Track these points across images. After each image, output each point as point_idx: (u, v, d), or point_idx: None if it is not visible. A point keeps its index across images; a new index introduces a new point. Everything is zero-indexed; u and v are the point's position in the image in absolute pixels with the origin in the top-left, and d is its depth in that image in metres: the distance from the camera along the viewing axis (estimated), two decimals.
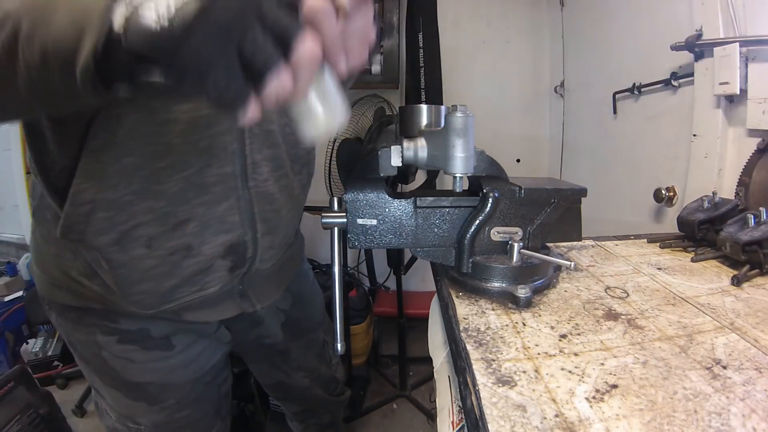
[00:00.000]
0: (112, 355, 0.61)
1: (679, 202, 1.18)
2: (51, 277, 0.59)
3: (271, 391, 0.98)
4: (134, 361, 0.62)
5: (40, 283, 0.61)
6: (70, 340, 0.63)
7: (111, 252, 0.52)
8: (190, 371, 0.67)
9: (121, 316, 0.60)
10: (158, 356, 0.63)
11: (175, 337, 0.64)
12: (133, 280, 0.55)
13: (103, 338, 0.60)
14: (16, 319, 2.05)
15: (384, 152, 0.55)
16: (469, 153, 0.46)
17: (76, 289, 0.57)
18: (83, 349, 0.63)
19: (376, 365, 1.95)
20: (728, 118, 1.01)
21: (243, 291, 0.67)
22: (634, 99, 1.39)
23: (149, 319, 0.61)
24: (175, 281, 0.57)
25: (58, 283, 0.58)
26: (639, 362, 0.42)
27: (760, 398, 0.36)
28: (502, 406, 0.36)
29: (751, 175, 0.90)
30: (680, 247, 0.75)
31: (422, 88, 1.73)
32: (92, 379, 0.65)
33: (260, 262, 0.65)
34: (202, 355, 0.69)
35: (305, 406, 1.00)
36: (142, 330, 0.61)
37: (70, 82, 0.29)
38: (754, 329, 0.47)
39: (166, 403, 0.66)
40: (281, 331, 0.84)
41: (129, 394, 0.64)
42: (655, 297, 0.56)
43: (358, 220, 0.57)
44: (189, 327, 0.66)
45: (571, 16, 1.90)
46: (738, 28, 0.96)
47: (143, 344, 0.62)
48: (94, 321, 0.60)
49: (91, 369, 0.64)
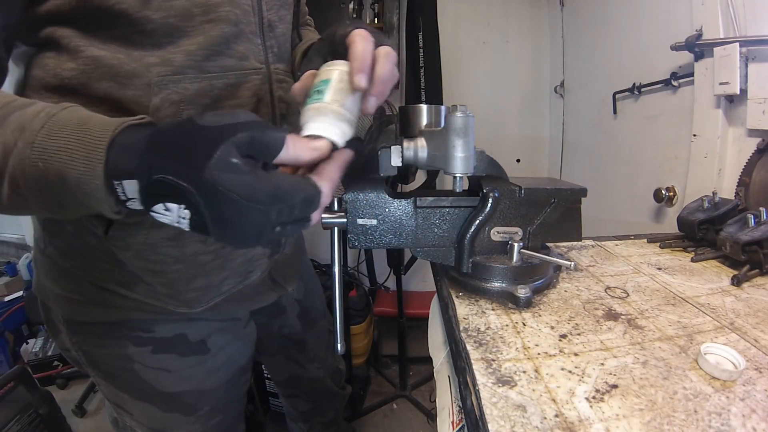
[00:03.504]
0: (146, 366, 0.58)
1: (679, 202, 1.18)
2: (73, 293, 0.54)
3: (284, 388, 0.98)
4: (170, 371, 0.60)
5: (55, 301, 0.56)
6: (90, 359, 0.59)
7: (167, 247, 0.52)
8: (223, 373, 0.66)
9: (156, 323, 0.58)
10: (195, 362, 0.62)
11: (210, 339, 0.63)
12: (188, 278, 0.55)
13: (135, 350, 0.57)
14: (16, 319, 2.05)
15: (384, 152, 0.55)
16: (469, 153, 0.46)
17: (111, 302, 0.54)
18: (109, 365, 0.59)
19: (376, 365, 1.95)
20: (728, 118, 1.01)
21: (272, 276, 0.69)
22: (634, 99, 1.39)
23: (186, 322, 0.60)
24: (225, 274, 0.58)
25: (83, 298, 0.54)
26: (639, 362, 0.42)
27: (760, 398, 0.36)
28: (502, 406, 0.36)
29: (751, 175, 0.90)
30: (680, 247, 0.75)
31: (422, 88, 1.73)
32: (117, 396, 0.61)
33: (286, 246, 0.68)
34: (235, 354, 0.68)
35: (314, 402, 1.00)
36: (178, 336, 0.59)
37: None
38: (754, 329, 0.47)
39: (202, 411, 0.64)
40: (298, 321, 0.86)
41: (163, 407, 0.61)
42: (655, 297, 0.56)
43: (358, 220, 0.57)
44: (224, 326, 0.66)
45: (571, 16, 1.90)
46: (738, 28, 0.96)
47: (179, 351, 0.60)
48: (126, 333, 0.57)
49: (117, 385, 0.60)
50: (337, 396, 1.02)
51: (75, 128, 0.33)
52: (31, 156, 0.33)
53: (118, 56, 0.46)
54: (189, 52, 0.48)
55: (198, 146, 0.31)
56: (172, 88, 0.48)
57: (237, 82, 0.52)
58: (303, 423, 1.03)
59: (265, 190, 0.32)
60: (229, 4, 0.49)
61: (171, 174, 0.31)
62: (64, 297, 0.55)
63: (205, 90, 0.50)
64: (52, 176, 0.33)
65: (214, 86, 0.51)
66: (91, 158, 0.32)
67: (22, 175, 0.33)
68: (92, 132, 0.33)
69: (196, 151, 0.31)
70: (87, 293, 0.54)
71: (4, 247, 2.90)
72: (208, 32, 0.48)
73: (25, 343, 2.03)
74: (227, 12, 0.49)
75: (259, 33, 0.54)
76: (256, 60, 0.54)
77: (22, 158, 0.33)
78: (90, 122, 0.34)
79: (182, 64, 0.48)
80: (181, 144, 0.32)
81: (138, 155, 0.32)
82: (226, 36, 0.50)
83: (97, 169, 0.32)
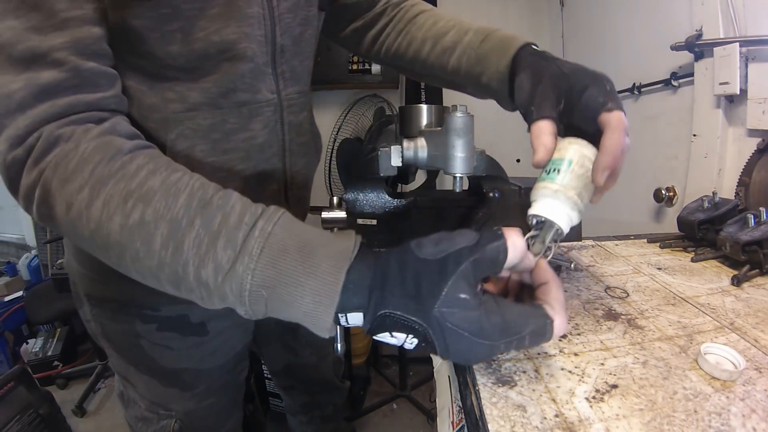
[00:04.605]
0: (151, 343, 0.62)
1: (679, 202, 1.18)
2: (94, 273, 0.59)
3: (281, 378, 0.99)
4: (172, 348, 0.63)
5: (80, 279, 0.62)
6: (105, 332, 0.63)
7: None
8: (219, 356, 0.69)
9: (162, 304, 0.61)
10: (194, 342, 0.65)
11: (210, 323, 0.65)
12: None
13: (143, 327, 0.61)
14: (16, 319, 2.05)
15: (384, 152, 0.55)
16: (469, 153, 0.46)
17: (125, 284, 0.57)
18: (120, 339, 0.63)
19: (376, 365, 1.95)
20: (728, 118, 1.01)
21: None
22: (634, 99, 1.39)
23: (189, 304, 0.61)
24: None
25: (102, 279, 0.59)
26: (639, 362, 0.42)
27: (760, 398, 0.36)
28: (502, 406, 0.36)
29: (751, 175, 0.90)
30: (680, 247, 0.75)
31: (422, 88, 1.73)
32: (125, 368, 0.66)
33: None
34: (231, 340, 0.70)
35: (311, 394, 1.00)
36: (181, 316, 0.62)
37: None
38: (754, 329, 0.47)
39: (198, 389, 0.67)
40: None
41: (164, 381, 0.65)
42: (655, 297, 0.56)
43: (358, 220, 0.57)
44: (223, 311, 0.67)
45: (571, 16, 1.90)
46: (738, 28, 0.96)
47: (181, 330, 0.63)
48: (135, 311, 0.60)
49: (126, 359, 0.65)
50: (335, 389, 1.02)
51: (298, 256, 0.33)
52: (252, 283, 0.33)
53: (142, 88, 0.46)
54: (205, 89, 0.49)
55: (424, 284, 0.32)
56: (186, 124, 0.49)
57: (249, 115, 0.53)
58: (302, 416, 1.04)
59: (494, 325, 0.32)
60: (246, 39, 0.48)
61: (399, 310, 0.32)
62: (87, 275, 0.60)
63: (217, 125, 0.51)
64: (272, 302, 0.34)
65: (226, 121, 0.51)
66: (323, 302, 0.32)
67: (236, 294, 0.34)
68: (321, 270, 0.33)
69: (423, 289, 0.32)
70: (104, 274, 0.57)
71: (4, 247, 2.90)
72: (226, 70, 0.49)
73: (25, 343, 2.03)
74: (244, 48, 0.49)
75: (270, 62, 0.53)
76: (267, 91, 0.54)
77: (241, 282, 0.33)
78: (311, 248, 0.34)
79: (197, 101, 0.49)
80: (407, 281, 0.32)
81: (366, 291, 0.33)
82: (242, 72, 0.50)
83: (329, 310, 0.32)
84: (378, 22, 0.66)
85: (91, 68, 0.39)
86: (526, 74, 0.46)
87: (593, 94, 0.41)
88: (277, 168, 0.59)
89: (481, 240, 0.33)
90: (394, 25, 0.65)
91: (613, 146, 0.39)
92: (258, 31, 0.50)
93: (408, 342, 0.33)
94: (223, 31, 0.46)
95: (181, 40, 0.44)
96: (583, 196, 0.39)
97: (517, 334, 0.32)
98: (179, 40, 0.44)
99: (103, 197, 0.35)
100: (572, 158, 0.39)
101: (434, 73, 0.60)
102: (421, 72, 0.64)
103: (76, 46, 0.38)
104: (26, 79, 0.35)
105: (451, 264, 0.32)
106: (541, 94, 0.44)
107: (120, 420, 1.87)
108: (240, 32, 0.47)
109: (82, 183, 0.35)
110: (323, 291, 0.32)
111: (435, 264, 0.32)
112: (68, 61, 0.37)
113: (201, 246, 0.34)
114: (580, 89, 0.42)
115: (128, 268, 0.37)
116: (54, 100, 0.36)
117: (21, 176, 0.37)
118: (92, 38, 0.39)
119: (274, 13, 0.51)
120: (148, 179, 0.35)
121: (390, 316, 0.32)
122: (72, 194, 0.35)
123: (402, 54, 0.64)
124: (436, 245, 0.33)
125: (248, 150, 0.54)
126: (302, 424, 1.05)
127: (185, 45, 0.45)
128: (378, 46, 0.67)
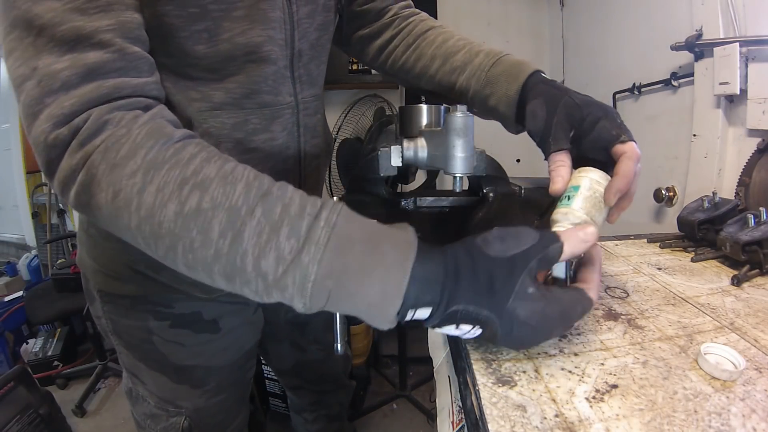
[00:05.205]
0: (163, 339, 0.62)
1: (679, 202, 1.18)
2: (108, 269, 0.59)
3: (289, 378, 0.98)
4: (184, 345, 0.63)
5: (93, 275, 0.62)
6: (116, 328, 0.63)
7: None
8: (230, 353, 0.69)
9: (176, 301, 0.61)
10: (206, 339, 0.65)
11: (222, 320, 0.66)
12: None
13: (155, 323, 0.61)
14: (16, 319, 2.05)
15: (384, 152, 0.55)
16: (469, 153, 0.46)
17: (140, 281, 0.58)
18: (131, 335, 0.63)
19: (376, 365, 1.95)
20: (728, 118, 1.01)
21: None
22: (634, 99, 1.39)
23: (202, 301, 0.62)
24: None
25: (116, 275, 0.59)
26: (639, 362, 0.42)
27: (760, 398, 0.36)
28: (502, 406, 0.36)
29: (751, 175, 0.90)
30: (680, 247, 0.75)
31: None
32: (135, 365, 0.66)
33: None
34: (242, 338, 0.71)
35: (318, 393, 1.00)
36: (194, 313, 0.62)
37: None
38: (754, 329, 0.47)
39: (209, 386, 0.68)
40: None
41: (174, 378, 0.65)
42: (655, 297, 0.56)
43: None
44: (234, 308, 0.67)
45: (571, 16, 1.90)
46: (738, 28, 0.96)
47: (194, 327, 0.63)
48: (149, 307, 0.60)
49: (136, 355, 0.65)
50: (342, 387, 1.02)
51: (365, 247, 0.33)
52: (317, 273, 0.32)
53: (167, 85, 0.46)
54: (229, 90, 0.49)
55: (497, 281, 0.34)
56: (210, 122, 0.49)
57: (271, 117, 0.53)
58: (308, 414, 1.04)
59: (555, 314, 0.36)
60: (269, 42, 0.49)
61: (473, 304, 0.34)
62: (101, 272, 0.59)
63: (240, 125, 0.51)
64: (336, 294, 0.33)
65: (249, 121, 0.52)
66: (391, 292, 0.32)
67: (299, 285, 0.33)
68: (389, 260, 0.33)
69: (496, 285, 0.34)
70: (119, 271, 0.58)
71: (4, 247, 2.90)
72: (250, 72, 0.49)
73: (25, 343, 2.03)
74: (268, 51, 0.49)
75: (289, 66, 0.54)
76: (287, 93, 0.55)
77: (305, 273, 0.32)
78: (378, 239, 0.34)
79: (221, 101, 0.49)
80: (480, 278, 0.34)
81: (438, 288, 0.34)
82: (266, 74, 0.50)
83: (396, 301, 0.32)
84: (385, 32, 0.67)
85: (135, 52, 0.38)
86: (539, 102, 0.49)
87: (606, 127, 0.45)
88: (293, 169, 0.59)
89: (542, 240, 0.36)
90: (402, 37, 0.66)
91: (628, 172, 0.43)
92: (279, 34, 0.50)
93: (471, 333, 0.36)
94: (248, 33, 0.47)
95: (207, 39, 0.45)
96: (593, 215, 0.43)
97: (572, 319, 0.38)
98: (206, 39, 0.45)
99: (157, 183, 0.33)
100: (579, 183, 0.44)
101: (441, 90, 0.61)
102: (426, 87, 0.65)
103: (122, 29, 0.37)
104: (71, 59, 0.34)
105: (520, 262, 0.35)
106: (558, 125, 0.47)
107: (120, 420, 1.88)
108: (264, 35, 0.48)
109: (135, 168, 0.34)
110: (392, 281, 0.32)
111: (506, 262, 0.35)
112: (114, 43, 0.36)
113: (262, 235, 0.32)
114: (592, 120, 0.46)
115: (176, 259, 0.35)
116: (101, 81, 0.35)
117: (62, 158, 0.35)
118: (135, 23, 0.39)
119: (293, 17, 0.51)
120: (204, 167, 0.34)
121: (462, 311, 0.34)
122: (121, 179, 0.34)
123: (409, 68, 0.64)
124: (502, 243, 0.36)
125: (268, 151, 0.55)
126: (307, 422, 1.05)
127: (212, 45, 0.45)
128: (384, 56, 0.67)
